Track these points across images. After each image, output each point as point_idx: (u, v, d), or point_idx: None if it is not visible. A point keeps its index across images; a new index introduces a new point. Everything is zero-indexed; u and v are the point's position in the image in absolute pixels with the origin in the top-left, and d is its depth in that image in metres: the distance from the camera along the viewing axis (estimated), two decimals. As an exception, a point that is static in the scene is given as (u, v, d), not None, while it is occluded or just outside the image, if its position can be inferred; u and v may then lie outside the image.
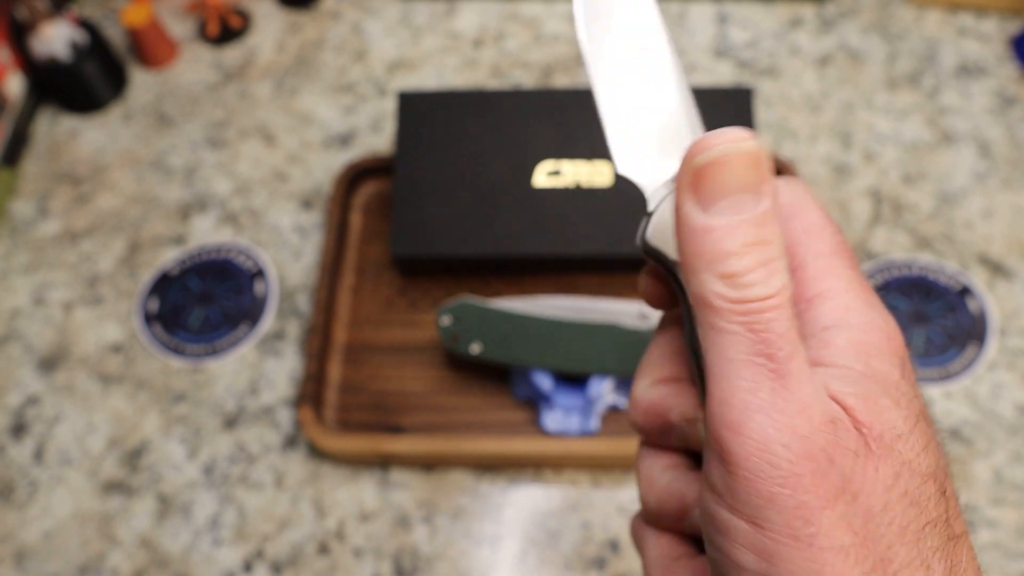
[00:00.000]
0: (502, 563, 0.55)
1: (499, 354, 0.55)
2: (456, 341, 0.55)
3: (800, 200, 0.25)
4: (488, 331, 0.55)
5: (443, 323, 0.55)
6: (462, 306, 0.55)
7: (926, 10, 0.80)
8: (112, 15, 0.85)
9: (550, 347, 0.54)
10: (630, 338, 0.53)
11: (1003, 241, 0.66)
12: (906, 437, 0.21)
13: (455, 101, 0.63)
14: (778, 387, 0.20)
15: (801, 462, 0.20)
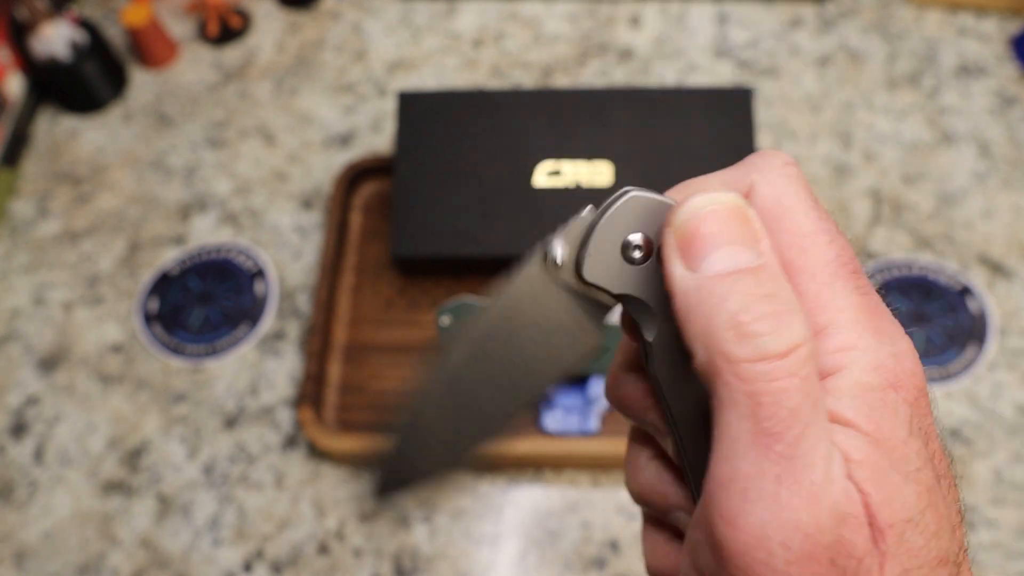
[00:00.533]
0: (502, 563, 0.55)
1: None
2: None
3: (784, 199, 0.21)
4: None
5: (443, 323, 0.55)
6: (462, 306, 0.55)
7: (926, 10, 0.80)
8: (112, 15, 0.85)
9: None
10: None
11: (1003, 241, 0.66)
12: (917, 520, 0.18)
13: (455, 101, 0.63)
14: (784, 474, 0.18)
15: (801, 563, 0.17)
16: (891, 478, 0.18)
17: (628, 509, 0.56)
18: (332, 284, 0.64)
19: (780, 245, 0.21)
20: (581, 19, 0.82)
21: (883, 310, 0.21)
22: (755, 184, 0.22)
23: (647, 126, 0.61)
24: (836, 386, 0.19)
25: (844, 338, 0.20)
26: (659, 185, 0.24)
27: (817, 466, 0.18)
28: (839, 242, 0.21)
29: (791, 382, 0.18)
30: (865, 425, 0.19)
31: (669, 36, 0.80)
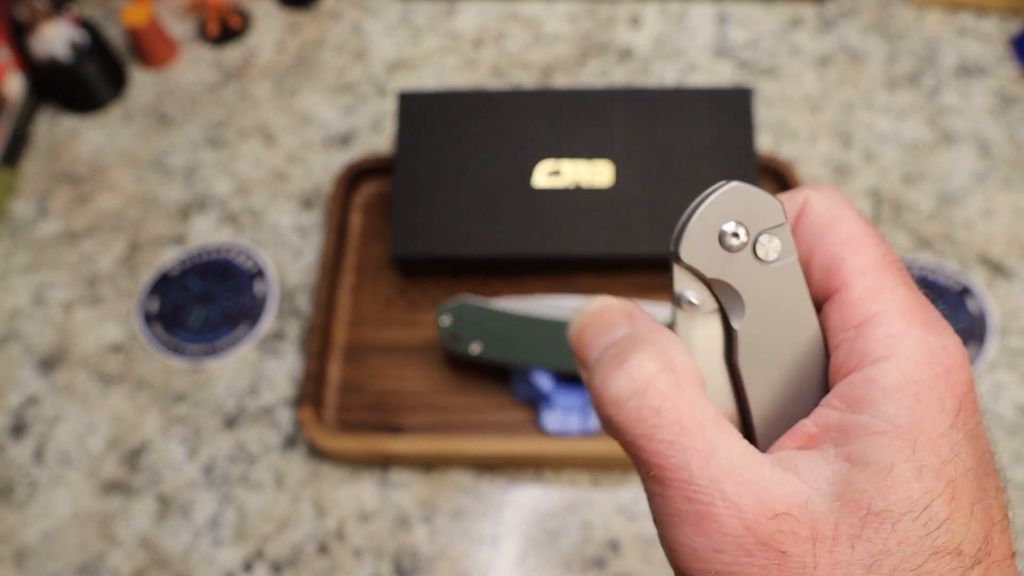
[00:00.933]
0: (502, 563, 0.55)
1: (500, 354, 0.55)
2: (456, 341, 0.55)
3: (835, 208, 0.23)
4: (488, 331, 0.55)
5: (443, 323, 0.55)
6: (462, 306, 0.55)
7: (926, 10, 0.80)
8: (112, 15, 0.85)
9: (551, 347, 0.54)
10: None
11: (1003, 241, 0.66)
12: (917, 512, 0.19)
13: (455, 101, 0.63)
14: (682, 502, 0.20)
15: (741, 559, 0.19)
16: (898, 471, 0.19)
17: (628, 509, 0.56)
18: (332, 284, 0.64)
19: (834, 245, 0.23)
20: (581, 19, 0.82)
21: (931, 306, 0.22)
22: (809, 197, 0.24)
23: (647, 126, 0.61)
24: (882, 378, 0.20)
25: (895, 327, 0.21)
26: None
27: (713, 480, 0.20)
28: (887, 246, 0.23)
29: (630, 414, 0.21)
30: (904, 415, 0.19)
31: (669, 36, 0.80)
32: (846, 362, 0.21)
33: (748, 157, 0.59)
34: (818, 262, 0.23)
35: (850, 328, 0.22)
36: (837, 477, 0.19)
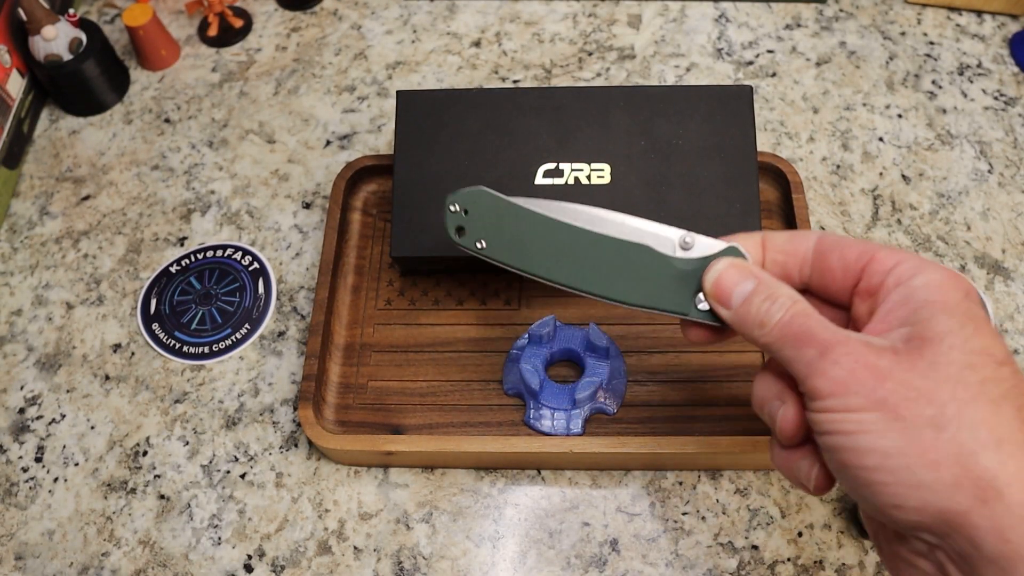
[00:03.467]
0: (502, 563, 0.55)
1: (507, 256, 0.46)
2: (462, 234, 0.46)
3: (822, 237, 0.39)
4: (500, 228, 0.46)
5: (451, 209, 0.47)
6: (476, 194, 0.46)
7: (926, 10, 0.80)
8: (112, 15, 0.85)
9: (567, 258, 0.45)
10: (662, 267, 0.43)
11: (1003, 241, 0.66)
12: (965, 337, 0.32)
13: (455, 101, 0.63)
14: (817, 348, 0.33)
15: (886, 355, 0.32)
16: (946, 325, 0.33)
17: (628, 509, 0.56)
18: (332, 284, 0.64)
19: (854, 247, 0.38)
20: (581, 19, 0.82)
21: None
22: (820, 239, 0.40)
23: (647, 125, 0.61)
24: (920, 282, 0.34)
25: (916, 261, 0.35)
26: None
27: (860, 338, 0.33)
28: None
29: (790, 315, 0.35)
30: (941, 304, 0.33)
31: (669, 36, 0.80)
32: (890, 284, 0.34)
33: (748, 154, 0.59)
34: (843, 258, 0.37)
35: (888, 268, 0.35)
36: (909, 335, 0.32)
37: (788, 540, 0.55)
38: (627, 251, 0.43)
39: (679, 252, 0.42)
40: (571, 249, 0.44)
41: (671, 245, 0.42)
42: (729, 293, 0.37)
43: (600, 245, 0.44)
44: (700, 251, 0.41)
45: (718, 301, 0.38)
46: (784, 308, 0.34)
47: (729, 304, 0.37)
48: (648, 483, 0.57)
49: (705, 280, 0.39)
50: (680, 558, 0.54)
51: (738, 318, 0.37)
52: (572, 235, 0.44)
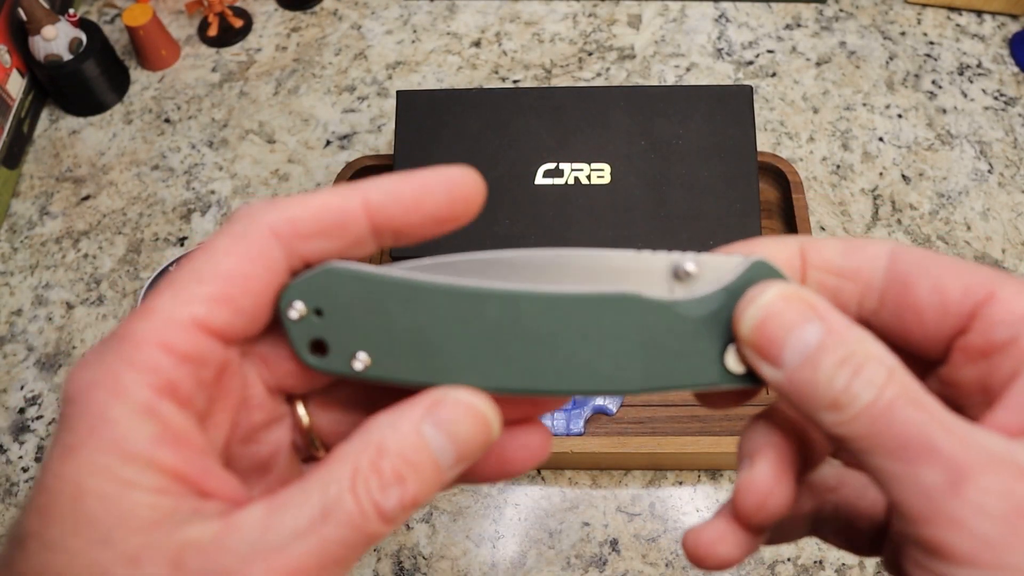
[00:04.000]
0: (502, 563, 0.55)
1: (411, 370, 0.26)
2: (323, 352, 0.26)
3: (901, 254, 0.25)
4: (387, 327, 0.27)
5: (291, 316, 0.26)
6: (328, 277, 0.26)
7: (926, 10, 0.80)
8: (112, 15, 0.85)
9: (511, 347, 0.27)
10: (658, 321, 0.27)
11: (1003, 241, 0.66)
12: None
13: (455, 101, 0.63)
14: (945, 466, 0.20)
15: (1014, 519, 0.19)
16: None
17: (628, 509, 0.56)
18: (332, 284, 0.64)
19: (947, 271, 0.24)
20: (581, 19, 0.82)
21: None
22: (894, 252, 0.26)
23: (647, 125, 0.61)
24: None
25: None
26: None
27: (970, 448, 0.20)
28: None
29: (896, 404, 0.20)
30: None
31: (669, 36, 0.80)
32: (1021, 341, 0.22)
33: (748, 155, 0.60)
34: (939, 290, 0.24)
35: (1021, 318, 0.22)
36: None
37: (788, 540, 0.55)
38: (601, 310, 0.27)
39: (676, 290, 0.27)
40: (515, 330, 0.26)
41: (661, 279, 0.27)
42: (780, 343, 0.22)
43: (558, 311, 0.26)
44: (709, 279, 0.26)
45: (762, 354, 0.23)
46: (876, 384, 0.20)
47: (779, 361, 0.22)
48: (648, 483, 0.57)
49: (740, 320, 0.23)
50: (680, 558, 0.54)
51: (794, 386, 0.22)
52: (511, 306, 0.26)
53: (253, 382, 0.25)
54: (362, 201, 0.24)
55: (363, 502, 0.21)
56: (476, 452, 0.23)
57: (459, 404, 0.23)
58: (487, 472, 0.27)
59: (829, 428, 0.21)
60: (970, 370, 0.23)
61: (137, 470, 0.21)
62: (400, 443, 0.22)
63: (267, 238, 0.23)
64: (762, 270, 0.26)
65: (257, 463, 0.26)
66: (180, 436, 0.21)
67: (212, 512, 0.21)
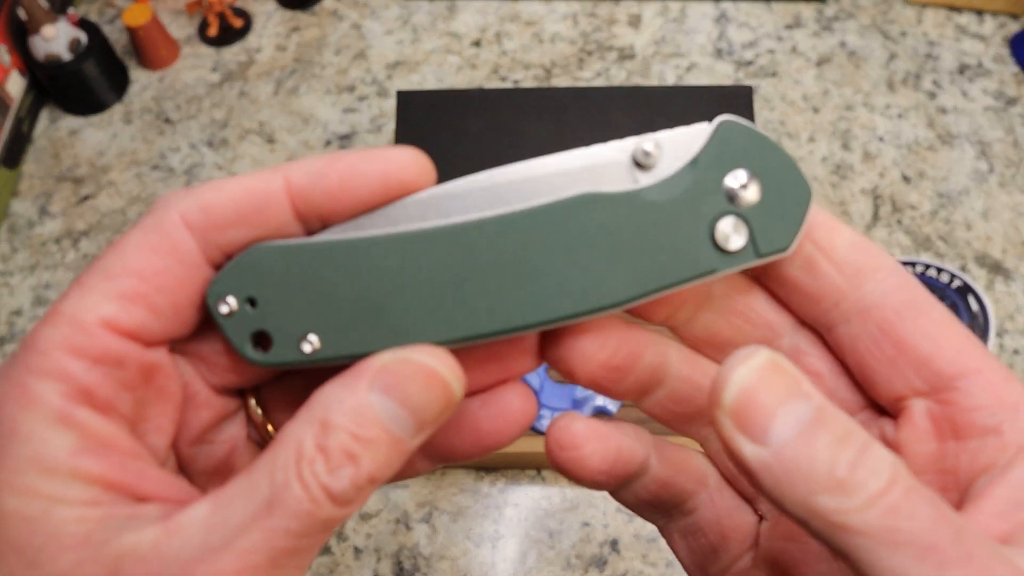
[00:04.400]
0: (502, 563, 0.55)
1: (361, 341, 0.23)
2: (266, 345, 0.23)
3: (902, 282, 0.22)
4: (327, 299, 0.23)
5: (223, 311, 0.23)
6: (255, 262, 0.23)
7: (926, 10, 0.80)
8: (112, 15, 0.85)
9: (465, 289, 0.23)
10: (627, 214, 0.23)
11: (1003, 241, 0.66)
12: None
13: (455, 101, 0.63)
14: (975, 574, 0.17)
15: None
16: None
17: (628, 509, 0.56)
18: (332, 284, 0.64)
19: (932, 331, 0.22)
20: (581, 19, 0.82)
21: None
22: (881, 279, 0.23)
23: (647, 125, 0.61)
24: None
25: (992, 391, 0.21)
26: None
27: (994, 557, 0.18)
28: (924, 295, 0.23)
29: (911, 493, 0.18)
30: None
31: (669, 36, 0.80)
32: (1011, 440, 0.20)
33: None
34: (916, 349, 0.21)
35: (1006, 408, 0.20)
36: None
37: (788, 540, 0.55)
38: (559, 220, 0.23)
39: (641, 179, 0.23)
40: (468, 266, 0.23)
41: (622, 171, 0.24)
42: (769, 415, 0.19)
43: (511, 234, 0.23)
44: (676, 156, 0.23)
45: (744, 426, 0.19)
46: (885, 472, 0.18)
47: (764, 435, 0.19)
48: (648, 483, 0.57)
49: (724, 385, 0.20)
50: (680, 558, 0.54)
51: (783, 465, 0.19)
52: (458, 240, 0.23)
53: (194, 380, 0.23)
54: (283, 184, 0.22)
55: (311, 487, 0.19)
56: (438, 415, 0.21)
57: (408, 363, 0.21)
58: (463, 446, 0.24)
59: (826, 516, 0.18)
60: (930, 445, 0.21)
61: (60, 484, 0.19)
62: (346, 417, 0.20)
63: (179, 229, 0.21)
64: (732, 130, 0.23)
65: (216, 464, 0.24)
66: (104, 442, 0.20)
67: (151, 516, 0.20)
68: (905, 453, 0.22)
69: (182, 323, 0.22)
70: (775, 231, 0.22)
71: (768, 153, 0.23)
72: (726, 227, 0.22)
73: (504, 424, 0.24)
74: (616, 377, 0.24)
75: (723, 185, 0.22)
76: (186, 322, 0.22)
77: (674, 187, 0.23)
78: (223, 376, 0.24)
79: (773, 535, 0.26)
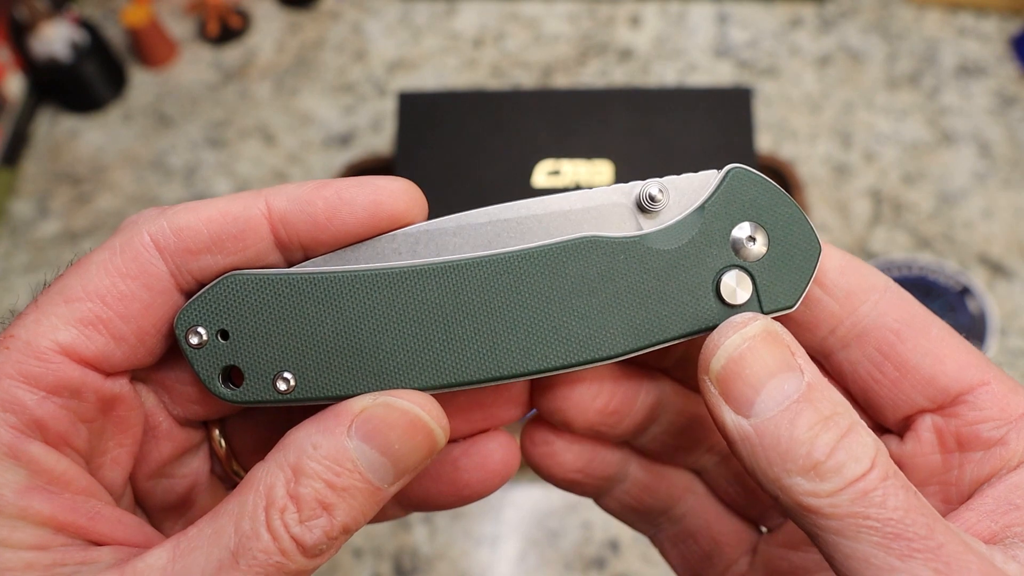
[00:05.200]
0: (502, 563, 0.55)
1: (340, 382, 0.22)
2: (236, 381, 0.22)
3: (898, 301, 0.22)
4: (305, 335, 0.22)
5: (192, 342, 0.22)
6: (229, 293, 0.22)
7: (926, 10, 0.80)
8: (112, 15, 0.85)
9: (454, 332, 0.22)
10: (628, 260, 0.22)
11: (1003, 241, 0.66)
12: None
13: (455, 101, 0.63)
14: (941, 566, 0.17)
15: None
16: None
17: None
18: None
19: (904, 348, 0.22)
20: (581, 19, 0.82)
21: None
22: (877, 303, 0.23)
23: (647, 125, 0.61)
24: None
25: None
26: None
27: (967, 551, 0.17)
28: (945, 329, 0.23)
29: (888, 483, 0.18)
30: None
31: (669, 36, 0.80)
32: (1016, 450, 0.20)
33: (748, 157, 0.59)
34: (922, 360, 0.21)
35: (1012, 419, 0.20)
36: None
37: (788, 540, 0.55)
38: (557, 264, 0.22)
39: (645, 224, 0.22)
40: (459, 308, 0.22)
41: (625, 215, 0.23)
42: (755, 387, 0.19)
43: (506, 277, 0.22)
44: (682, 203, 0.23)
45: (729, 396, 0.19)
46: (866, 457, 0.18)
47: (748, 407, 0.19)
48: (648, 483, 0.57)
49: (713, 353, 0.20)
50: (680, 558, 0.54)
51: (762, 440, 0.18)
52: (450, 280, 0.22)
53: (156, 411, 0.22)
54: (264, 209, 0.20)
55: (281, 538, 0.18)
56: (419, 464, 0.20)
57: (390, 409, 0.20)
58: (440, 495, 0.23)
59: (798, 496, 0.18)
60: (934, 457, 0.21)
61: (7, 525, 0.17)
62: (322, 463, 0.18)
63: (149, 251, 0.20)
64: (742, 179, 0.22)
65: (175, 499, 0.23)
66: (55, 480, 0.18)
67: (106, 562, 0.18)
68: (909, 465, 0.21)
69: (146, 352, 0.20)
70: (781, 288, 0.22)
71: (778, 205, 0.22)
72: (731, 280, 0.22)
73: (484, 475, 0.23)
74: (613, 422, 0.24)
75: (730, 236, 0.22)
76: (151, 351, 0.21)
77: (680, 235, 0.22)
78: (187, 407, 0.22)
79: (773, 543, 0.26)
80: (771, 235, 0.22)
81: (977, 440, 0.20)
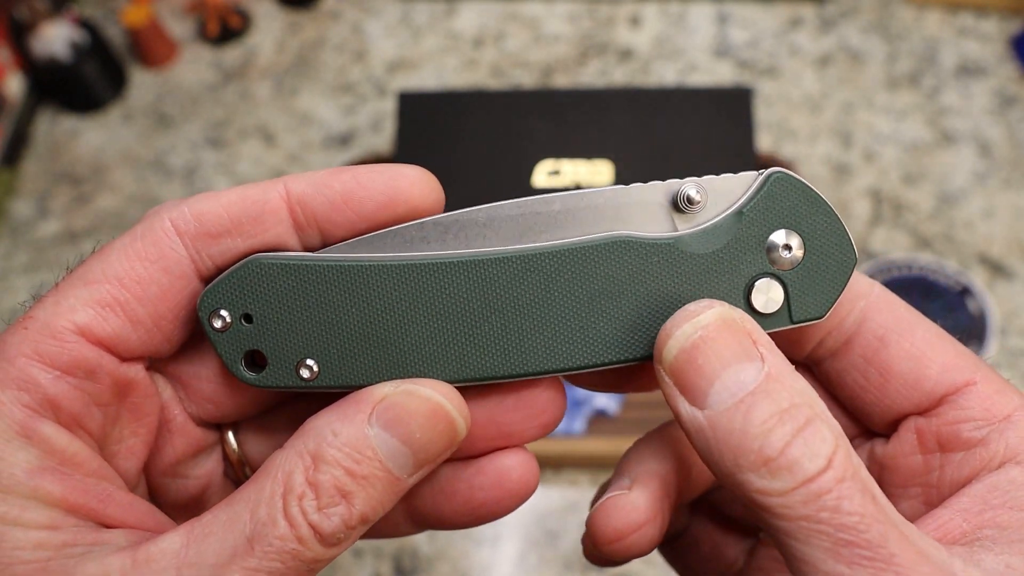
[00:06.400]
0: (502, 563, 0.55)
1: (363, 371, 0.22)
2: (260, 365, 0.22)
3: (883, 306, 0.22)
4: (329, 322, 0.22)
5: (215, 326, 0.22)
6: (253, 276, 0.22)
7: (926, 10, 0.80)
8: (112, 15, 0.85)
9: (481, 326, 0.22)
10: (660, 262, 0.22)
11: (1003, 241, 0.66)
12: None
13: (455, 101, 0.63)
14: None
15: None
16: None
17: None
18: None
19: (926, 343, 0.21)
20: (581, 19, 0.82)
21: None
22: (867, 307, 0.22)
23: (647, 126, 0.61)
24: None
25: None
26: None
27: (920, 561, 0.17)
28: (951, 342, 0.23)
29: (845, 485, 0.17)
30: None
31: (669, 36, 0.80)
32: (996, 451, 0.20)
33: (748, 156, 0.59)
34: (908, 362, 0.21)
35: (995, 420, 0.20)
36: (1009, 571, 0.18)
37: (788, 540, 0.55)
38: (587, 263, 0.22)
39: (680, 224, 0.22)
40: (486, 302, 0.22)
41: (659, 214, 0.22)
42: (709, 378, 0.18)
43: (534, 273, 0.22)
44: (719, 205, 0.22)
45: (683, 387, 0.18)
46: (822, 455, 0.17)
47: (703, 399, 0.18)
48: (648, 483, 0.57)
49: (666, 341, 0.19)
50: (680, 558, 0.54)
51: (715, 433, 0.18)
52: (478, 273, 0.22)
53: (172, 404, 0.22)
54: (283, 193, 0.20)
55: (299, 525, 0.18)
56: (440, 454, 0.20)
57: (412, 397, 0.19)
58: (453, 514, 0.22)
59: (750, 493, 0.17)
60: (917, 459, 0.21)
61: (18, 505, 0.17)
62: (342, 451, 0.18)
63: (169, 235, 0.20)
64: (784, 184, 0.21)
65: (188, 499, 0.23)
66: (68, 460, 0.18)
67: (118, 544, 0.18)
68: (891, 467, 0.21)
69: (163, 338, 0.20)
70: (812, 298, 0.21)
71: (818, 213, 0.21)
72: (763, 288, 0.21)
73: (501, 494, 0.22)
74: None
75: (766, 242, 0.21)
76: (168, 337, 0.20)
77: (715, 239, 0.21)
78: (203, 405, 0.22)
79: (770, 543, 0.26)
80: (807, 243, 0.21)
81: (957, 441, 0.20)
